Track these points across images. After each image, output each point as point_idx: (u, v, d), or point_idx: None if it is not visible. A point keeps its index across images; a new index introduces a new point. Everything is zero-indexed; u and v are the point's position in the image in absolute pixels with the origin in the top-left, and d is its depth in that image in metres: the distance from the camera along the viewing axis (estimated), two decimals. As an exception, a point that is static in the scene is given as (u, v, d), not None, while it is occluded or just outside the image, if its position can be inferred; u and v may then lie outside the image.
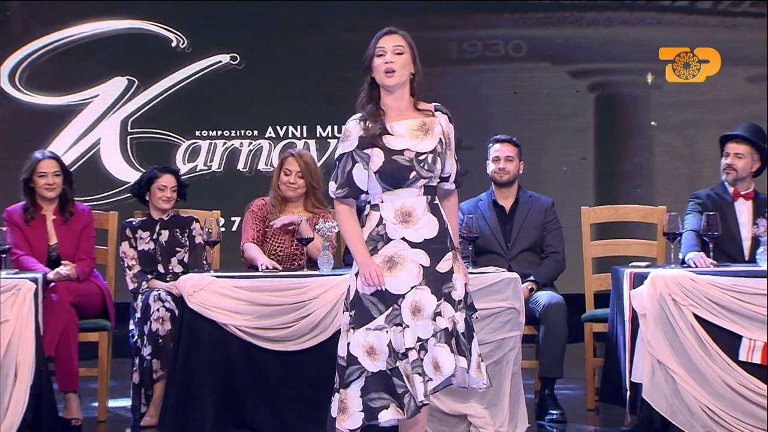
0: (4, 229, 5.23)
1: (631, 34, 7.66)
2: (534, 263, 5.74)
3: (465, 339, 3.94)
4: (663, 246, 5.76)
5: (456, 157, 4.07)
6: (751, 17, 7.61)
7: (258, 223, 5.49)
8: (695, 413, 4.86)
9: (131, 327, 5.45)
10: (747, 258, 5.53)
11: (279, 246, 5.46)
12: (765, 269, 5.10)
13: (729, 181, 5.61)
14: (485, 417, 4.84)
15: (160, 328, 5.28)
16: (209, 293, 4.92)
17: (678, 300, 4.91)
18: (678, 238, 5.22)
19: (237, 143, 7.66)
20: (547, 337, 5.44)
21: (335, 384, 3.98)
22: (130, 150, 7.61)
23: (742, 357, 4.89)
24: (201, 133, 7.65)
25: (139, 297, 5.47)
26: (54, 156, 5.71)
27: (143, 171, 6.17)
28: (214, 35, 7.61)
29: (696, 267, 5.16)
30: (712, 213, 5.26)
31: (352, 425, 3.91)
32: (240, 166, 7.66)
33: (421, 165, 3.91)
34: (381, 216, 3.94)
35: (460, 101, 7.26)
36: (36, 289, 5.01)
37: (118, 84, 7.62)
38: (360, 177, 3.93)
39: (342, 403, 3.93)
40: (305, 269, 5.21)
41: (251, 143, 7.66)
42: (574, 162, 7.68)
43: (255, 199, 5.58)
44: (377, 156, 3.91)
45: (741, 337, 4.90)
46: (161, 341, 5.26)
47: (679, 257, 5.31)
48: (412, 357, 3.87)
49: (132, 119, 7.63)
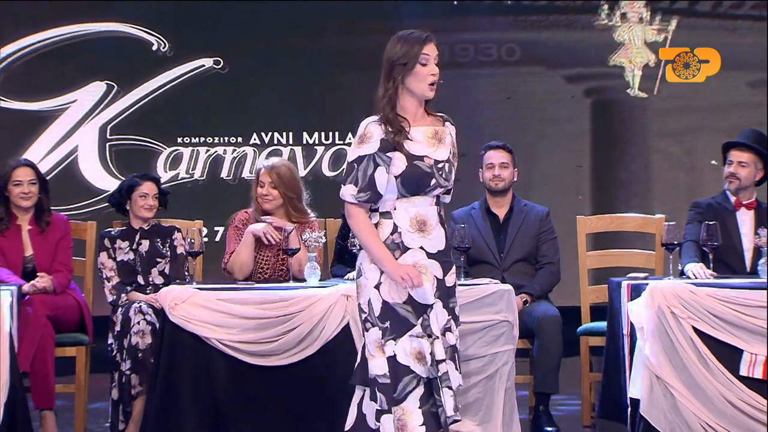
0: (-23, 240, 5.21)
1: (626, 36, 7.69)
2: (528, 274, 5.74)
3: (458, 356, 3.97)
4: (661, 257, 5.77)
5: None
6: (751, 20, 7.65)
7: (240, 238, 5.47)
8: (695, 430, 4.86)
9: (110, 341, 5.43)
10: (749, 269, 5.54)
11: (264, 260, 5.45)
12: (766, 281, 5.12)
13: (731, 190, 5.62)
14: (478, 434, 4.84)
15: (140, 341, 5.27)
16: (191, 306, 4.90)
17: (677, 313, 4.91)
18: (677, 248, 5.23)
19: (220, 150, 7.65)
20: (542, 351, 5.44)
21: (379, 406, 3.86)
22: (109, 157, 7.60)
23: (743, 372, 4.90)
24: (183, 140, 7.64)
25: (119, 309, 5.45)
26: (29, 163, 5.70)
27: (123, 179, 6.16)
28: (196, 38, 7.61)
29: (696, 278, 5.17)
30: (712, 222, 5.27)
31: None
32: (223, 173, 7.65)
33: (440, 173, 3.91)
34: (395, 224, 3.91)
35: (451, 107, 7.19)
36: (11, 302, 4.98)
37: (96, 89, 7.61)
38: (381, 181, 3.88)
39: (399, 422, 3.83)
40: (291, 281, 5.21)
41: (235, 150, 7.66)
42: (569, 169, 7.70)
43: (237, 212, 5.57)
44: (399, 160, 3.87)
45: (742, 352, 4.90)
46: (141, 355, 5.25)
47: (678, 268, 5.32)
48: (442, 369, 3.87)
49: (111, 125, 7.62)
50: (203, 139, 7.65)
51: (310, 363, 4.89)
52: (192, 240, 5.17)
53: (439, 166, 3.90)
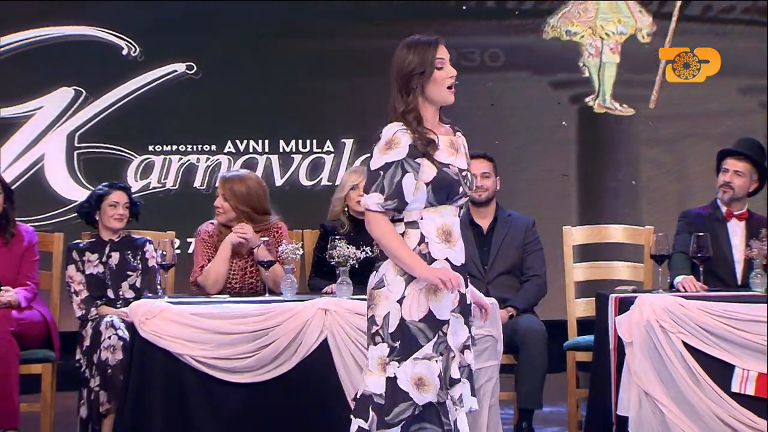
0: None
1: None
2: (513, 287, 5.76)
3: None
4: (650, 269, 5.80)
5: None
6: (743, 24, 7.70)
7: (209, 251, 5.48)
8: (685, 448, 4.90)
9: (78, 356, 5.42)
10: (740, 282, 5.57)
11: (232, 273, 5.45)
12: (759, 293, 5.15)
13: (725, 200, 5.65)
14: (461, 453, 4.84)
15: (110, 357, 5.26)
16: (163, 321, 4.90)
17: (666, 327, 4.94)
18: (666, 260, 5.26)
19: (193, 159, 7.65)
20: (526, 366, 5.46)
21: (368, 425, 3.83)
22: (77, 166, 7.58)
23: (734, 388, 4.93)
24: (154, 148, 7.63)
25: (89, 324, 5.45)
26: (-6, 173, 5.69)
27: (91, 189, 6.15)
28: (168, 42, 7.60)
29: (685, 291, 5.20)
30: (702, 234, 5.30)
31: None
32: (197, 183, 7.64)
33: (465, 181, 3.89)
34: (422, 234, 3.86)
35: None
36: (-26, 317, 4.98)
37: (63, 95, 7.60)
38: (409, 188, 3.83)
39: None
40: (267, 294, 5.21)
41: (209, 159, 7.65)
42: (555, 178, 7.72)
43: (203, 224, 5.58)
44: (428, 167, 3.83)
45: (733, 367, 4.93)
46: (110, 372, 5.24)
47: (668, 281, 5.35)
48: (456, 392, 3.84)
49: (79, 133, 7.60)
50: (176, 147, 7.64)
51: (286, 379, 4.89)
52: (164, 252, 5.17)
53: (463, 174, 3.88)
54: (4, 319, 5.31)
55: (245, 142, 7.66)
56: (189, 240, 7.23)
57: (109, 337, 5.29)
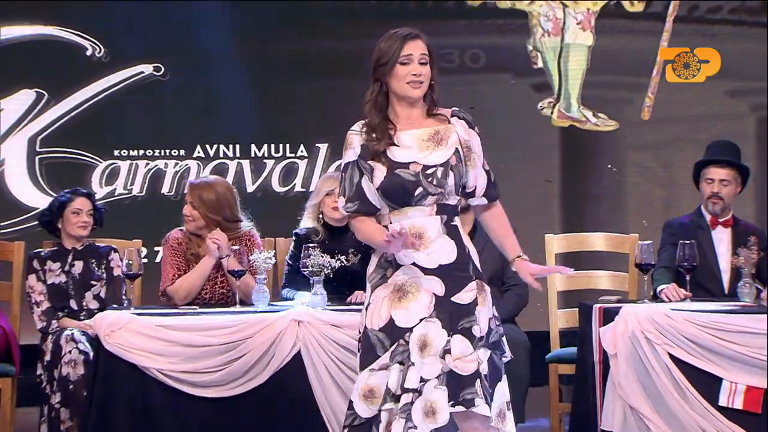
0: None
1: (600, 43, 7.76)
2: (493, 297, 5.76)
3: (488, 382, 3.85)
4: (635, 278, 5.83)
5: (486, 167, 4.03)
6: (731, 25, 7.75)
7: (179, 260, 5.47)
8: (671, 464, 4.92)
9: (39, 371, 5.40)
10: (726, 291, 5.61)
11: (203, 287, 5.45)
12: (747, 303, 5.19)
13: (716, 212, 5.68)
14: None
15: (71, 372, 5.25)
16: (129, 333, 4.89)
17: (652, 338, 4.96)
18: (652, 269, 5.28)
19: (161, 164, 7.63)
20: (507, 379, 5.46)
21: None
22: (38, 172, 7.55)
23: (722, 402, 4.95)
24: (120, 153, 7.61)
25: (49, 337, 5.43)
26: (-49, 179, 5.67)
27: (54, 195, 6.13)
28: (134, 43, 7.59)
29: (669, 300, 5.23)
30: (688, 242, 5.32)
31: None
32: (164, 189, 7.63)
33: (429, 180, 3.85)
34: None
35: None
36: (-70, 330, 4.96)
37: (24, 97, 7.56)
38: (369, 190, 3.88)
39: None
40: (238, 305, 5.21)
41: (177, 164, 7.64)
42: (537, 184, 7.74)
43: (171, 231, 5.57)
44: (379, 170, 3.86)
45: (721, 380, 4.96)
46: (72, 388, 5.22)
47: (652, 292, 5.38)
48: (404, 400, 3.77)
49: (41, 137, 7.58)
50: (142, 152, 7.62)
51: (258, 394, 4.89)
52: (130, 261, 5.16)
53: (429, 172, 3.85)
54: (-39, 332, 5.30)
55: (215, 146, 7.65)
56: (156, 248, 7.22)
57: (70, 351, 5.27)
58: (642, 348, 4.95)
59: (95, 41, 7.61)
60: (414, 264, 3.85)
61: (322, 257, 5.22)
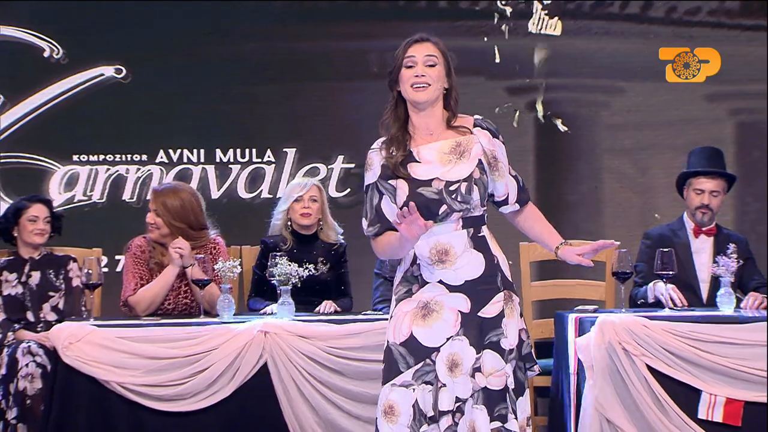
0: None
1: (576, 45, 7.79)
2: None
3: (514, 396, 3.86)
4: (612, 287, 5.85)
5: (513, 173, 4.04)
6: (709, 27, 7.80)
7: (141, 269, 5.45)
8: (649, 478, 4.93)
9: (-6, 386, 5.37)
10: (705, 302, 5.64)
11: (166, 297, 5.43)
12: (727, 314, 5.22)
13: (704, 222, 5.72)
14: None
15: (28, 386, 5.22)
16: (88, 345, 4.87)
17: (629, 349, 4.98)
18: (629, 278, 5.30)
19: (122, 169, 7.60)
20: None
21: None
22: (-6, 177, 7.51)
23: (701, 415, 4.98)
24: (80, 158, 7.57)
25: (5, 350, 5.41)
26: None
27: (10, 202, 6.10)
28: (94, 44, 7.55)
29: (674, 306, 5.26)
30: (666, 249, 5.35)
31: None
32: (126, 195, 7.59)
33: (453, 196, 3.84)
34: (414, 255, 3.88)
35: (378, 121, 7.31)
36: None
37: (-21, 100, 7.53)
38: (391, 211, 3.87)
39: None
40: (202, 316, 5.20)
41: (139, 169, 7.61)
42: (512, 191, 7.75)
43: (134, 239, 5.55)
44: (401, 189, 3.85)
45: (700, 392, 4.98)
46: (29, 402, 5.20)
47: (637, 295, 5.40)
48: (445, 424, 3.79)
49: (-3, 142, 7.54)
50: (103, 157, 7.59)
51: (223, 408, 4.88)
52: (89, 270, 5.14)
53: (452, 188, 3.84)
54: None
55: (179, 151, 7.62)
56: (117, 257, 7.18)
57: (27, 365, 5.24)
58: (619, 359, 4.97)
59: (53, 42, 7.57)
60: (440, 281, 3.86)
61: (290, 266, 5.22)
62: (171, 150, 7.62)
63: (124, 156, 7.61)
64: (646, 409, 4.94)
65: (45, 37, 7.56)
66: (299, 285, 5.25)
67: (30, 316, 5.58)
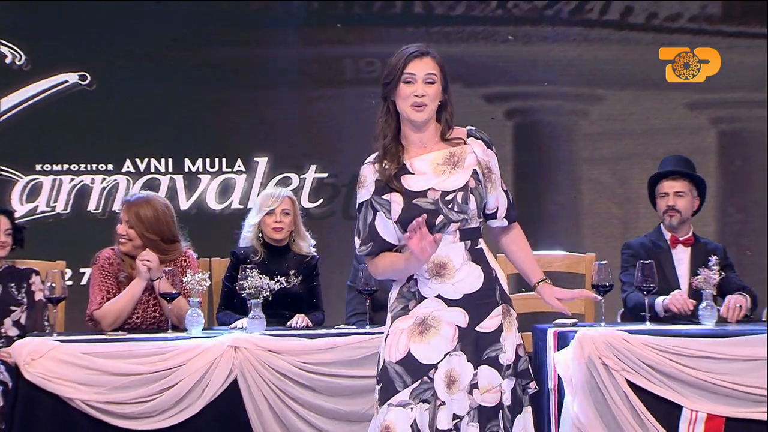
0: None
1: (554, 52, 7.82)
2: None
3: (509, 413, 3.87)
4: (592, 300, 5.86)
5: (504, 188, 4.04)
6: (690, 34, 7.85)
7: (108, 282, 5.43)
8: (630, 497, 4.95)
9: (-46, 404, 5.34)
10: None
11: (134, 311, 5.41)
12: (708, 327, 5.24)
13: (673, 225, 5.74)
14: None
15: (-11, 404, 5.20)
16: (51, 361, 4.85)
17: (609, 364, 4.99)
18: (609, 290, 5.31)
19: (87, 179, 7.57)
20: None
21: None
22: (-46, 188, 7.47)
23: (682, 431, 4.99)
24: (43, 168, 7.55)
25: (-35, 367, 5.38)
26: None
27: (-30, 213, 6.06)
28: (58, 50, 7.53)
29: (677, 311, 5.29)
30: (647, 261, 5.37)
31: None
32: (91, 206, 7.57)
33: (449, 206, 3.85)
34: None
35: (355, 129, 7.31)
36: None
37: (-61, 108, 7.49)
38: (385, 228, 3.88)
39: None
40: (170, 331, 5.18)
41: (105, 179, 7.59)
42: (488, 201, 7.76)
43: (101, 251, 5.53)
44: (396, 202, 3.86)
45: (681, 408, 5.00)
46: (-9, 421, 5.17)
47: (629, 307, 5.42)
48: None
49: (-43, 150, 7.50)
50: (67, 167, 7.56)
51: (191, 426, 4.88)
52: (53, 284, 5.12)
53: (448, 198, 3.85)
54: None
55: (146, 160, 7.60)
56: (82, 270, 7.16)
57: (-13, 381, 5.22)
58: (599, 374, 4.98)
59: (15, 48, 7.54)
60: (438, 296, 3.87)
61: (260, 278, 5.21)
62: (138, 159, 7.60)
63: (88, 165, 7.59)
64: (626, 426, 4.96)
65: (7, 43, 7.54)
66: (270, 298, 5.24)
67: (-9, 331, 5.56)
